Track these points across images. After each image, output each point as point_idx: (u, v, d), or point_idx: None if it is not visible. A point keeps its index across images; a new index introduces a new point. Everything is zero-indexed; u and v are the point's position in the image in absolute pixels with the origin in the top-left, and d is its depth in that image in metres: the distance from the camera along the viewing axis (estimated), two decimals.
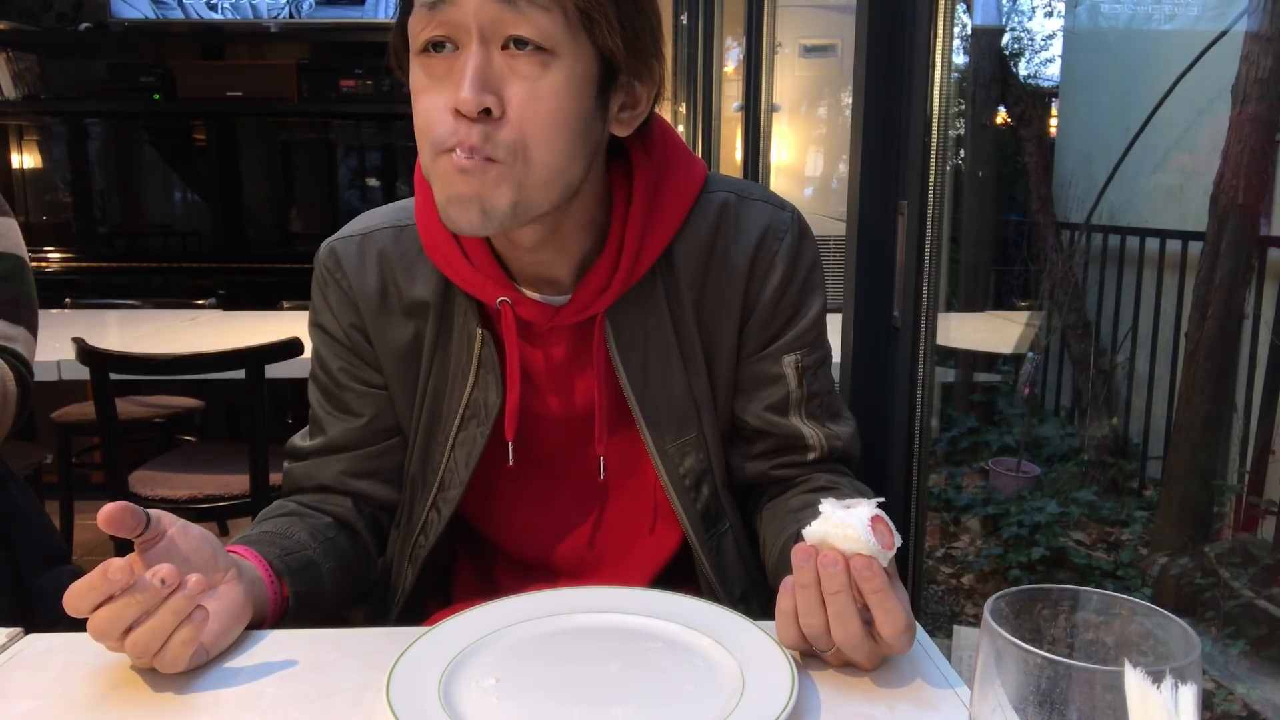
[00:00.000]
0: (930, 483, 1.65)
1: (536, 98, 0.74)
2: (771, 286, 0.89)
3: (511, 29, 0.73)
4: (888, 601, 0.64)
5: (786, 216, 0.91)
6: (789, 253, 0.90)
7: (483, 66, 0.73)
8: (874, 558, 0.63)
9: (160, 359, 1.90)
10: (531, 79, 0.74)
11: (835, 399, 0.95)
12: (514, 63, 0.74)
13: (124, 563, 0.64)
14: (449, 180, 0.75)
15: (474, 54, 0.73)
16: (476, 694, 0.65)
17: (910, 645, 0.67)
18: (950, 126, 1.16)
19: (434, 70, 0.75)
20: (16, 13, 4.00)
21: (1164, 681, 0.42)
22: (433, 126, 0.75)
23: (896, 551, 0.65)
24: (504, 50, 0.74)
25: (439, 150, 0.75)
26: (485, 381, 0.88)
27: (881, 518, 0.65)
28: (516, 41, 0.73)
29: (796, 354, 0.91)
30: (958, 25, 1.29)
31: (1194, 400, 2.63)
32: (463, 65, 0.73)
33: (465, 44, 0.74)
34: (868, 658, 0.67)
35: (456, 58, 0.74)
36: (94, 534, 2.95)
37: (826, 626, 0.65)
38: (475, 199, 0.75)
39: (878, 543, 0.64)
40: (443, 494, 0.91)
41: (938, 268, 1.17)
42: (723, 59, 3.06)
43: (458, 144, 0.74)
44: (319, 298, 0.93)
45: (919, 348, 1.21)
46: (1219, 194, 2.64)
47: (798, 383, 0.91)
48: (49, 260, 3.90)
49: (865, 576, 0.63)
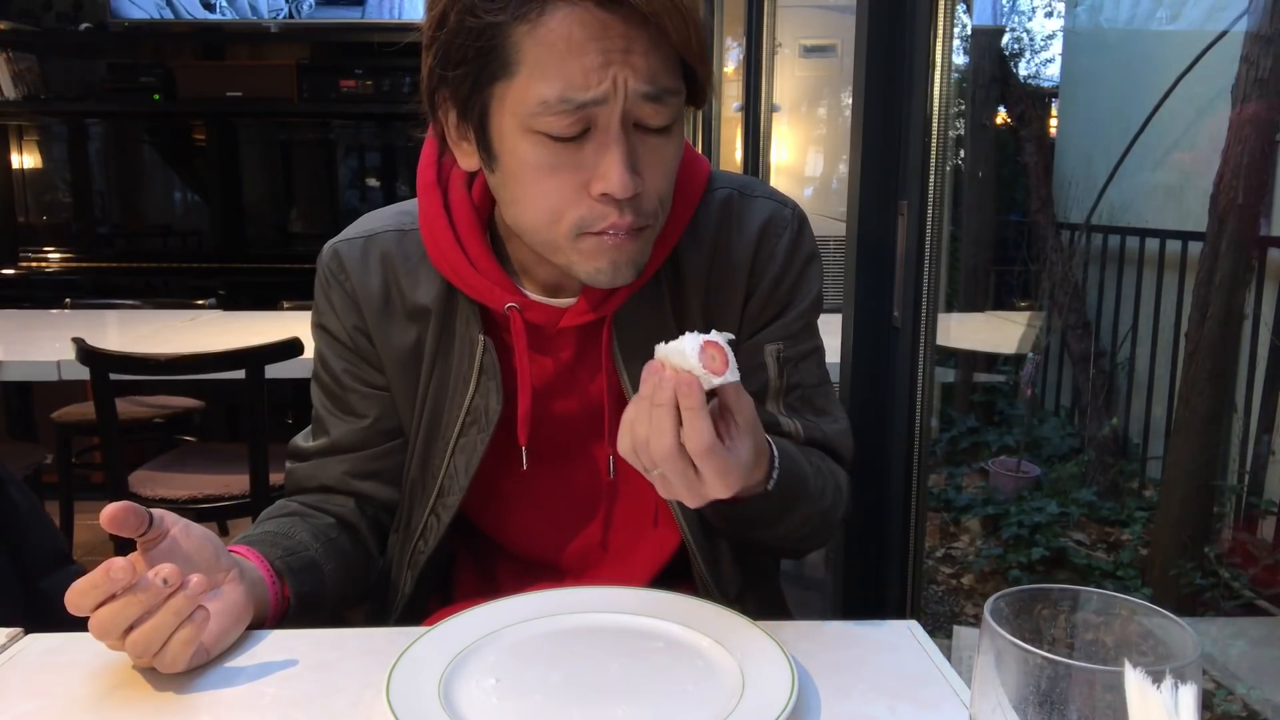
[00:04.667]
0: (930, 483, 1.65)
1: (665, 166, 0.78)
2: (768, 278, 0.90)
3: (651, 120, 0.75)
4: (697, 421, 0.66)
5: (788, 212, 0.92)
6: (788, 247, 0.90)
7: (630, 147, 0.74)
8: (697, 379, 0.67)
9: (160, 359, 1.90)
10: (661, 149, 0.77)
11: (822, 395, 0.94)
12: (646, 139, 0.76)
13: (126, 562, 0.64)
14: (599, 254, 0.78)
15: (620, 141, 0.73)
16: (476, 694, 0.66)
17: (725, 488, 0.68)
18: (950, 126, 1.16)
19: (563, 155, 0.75)
20: (16, 13, 4.00)
21: (1164, 681, 0.42)
22: (571, 208, 0.76)
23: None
24: (635, 129, 0.75)
25: (583, 231, 0.76)
26: (486, 388, 0.88)
27: (717, 344, 0.68)
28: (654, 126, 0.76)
29: (778, 344, 0.91)
30: (958, 25, 1.29)
31: (1194, 400, 2.63)
32: (606, 153, 0.74)
33: (601, 128, 0.74)
34: (687, 489, 0.69)
35: (587, 140, 0.74)
36: (94, 534, 2.95)
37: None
38: (630, 263, 0.79)
39: (704, 366, 0.67)
40: (442, 500, 0.91)
41: (938, 268, 1.17)
42: (723, 59, 3.06)
43: (609, 227, 0.76)
44: (322, 299, 0.93)
45: (919, 348, 1.21)
46: (1219, 194, 2.64)
47: (777, 373, 0.90)
48: (49, 260, 3.89)
49: (683, 393, 0.66)
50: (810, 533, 0.89)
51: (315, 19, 3.85)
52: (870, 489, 1.28)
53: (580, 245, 0.77)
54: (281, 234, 4.08)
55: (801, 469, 0.84)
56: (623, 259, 0.78)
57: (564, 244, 0.78)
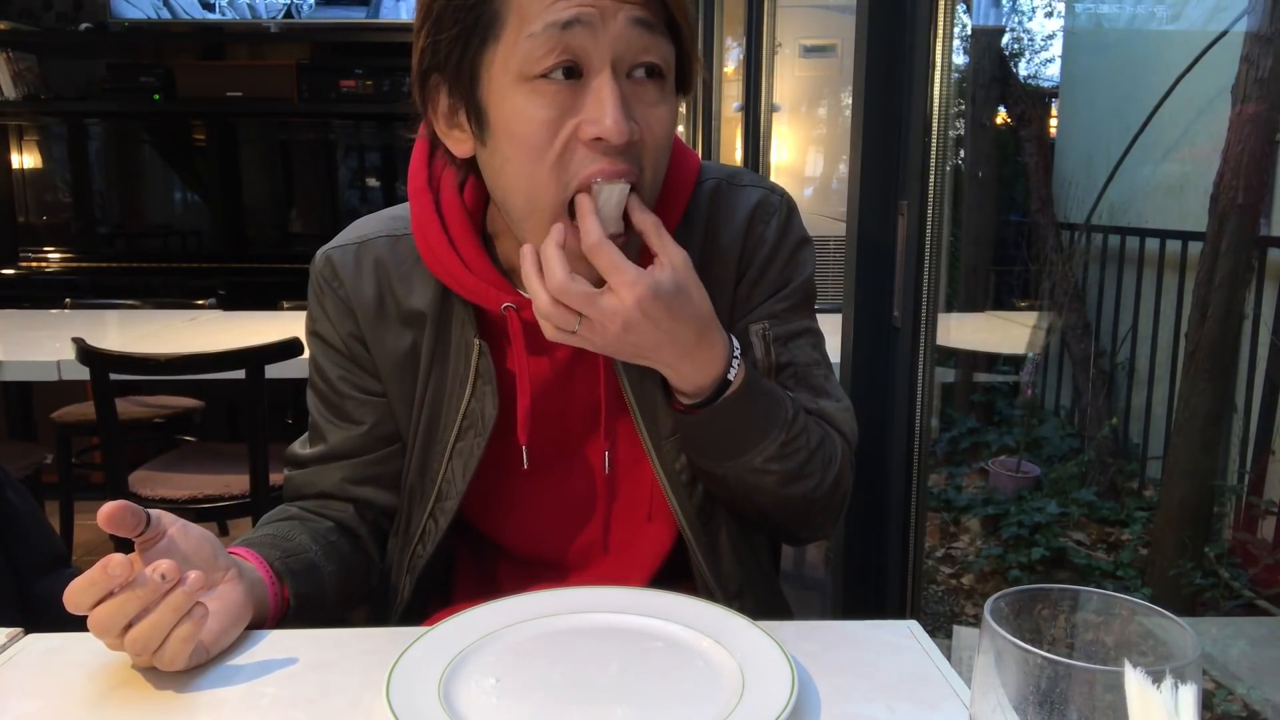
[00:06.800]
0: (930, 483, 1.65)
1: (661, 123, 0.77)
2: (757, 263, 0.90)
3: (644, 56, 0.74)
4: (584, 221, 0.74)
5: (775, 198, 0.92)
6: (777, 230, 0.91)
7: (623, 93, 0.73)
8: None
9: (160, 359, 1.90)
10: (654, 104, 0.76)
11: (818, 375, 0.93)
12: (639, 90, 0.75)
13: (124, 558, 0.64)
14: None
15: (612, 81, 0.73)
16: (476, 694, 0.65)
17: (635, 301, 0.73)
18: (950, 126, 1.17)
19: (558, 98, 0.74)
20: (16, 13, 4.00)
21: (1164, 681, 0.42)
22: (562, 158, 0.75)
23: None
24: (629, 78, 0.75)
25: (572, 191, 0.75)
26: (482, 392, 0.88)
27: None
28: (644, 68, 0.75)
29: (764, 324, 0.90)
30: (958, 25, 1.29)
31: (1194, 400, 2.63)
32: (599, 93, 0.73)
33: (594, 70, 0.73)
34: (594, 309, 0.73)
35: (582, 86, 0.74)
36: (94, 534, 2.95)
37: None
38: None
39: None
40: (440, 504, 0.91)
41: (938, 268, 1.17)
42: (723, 59, 3.07)
43: (598, 173, 0.74)
44: (316, 307, 0.93)
45: (919, 348, 1.21)
46: (1219, 194, 2.64)
47: (764, 351, 0.90)
48: (49, 260, 3.89)
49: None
50: (806, 491, 0.86)
51: (315, 19, 3.86)
52: (870, 489, 1.28)
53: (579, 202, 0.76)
54: (281, 234, 4.08)
55: (773, 389, 0.85)
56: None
57: (553, 207, 0.76)
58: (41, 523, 1.15)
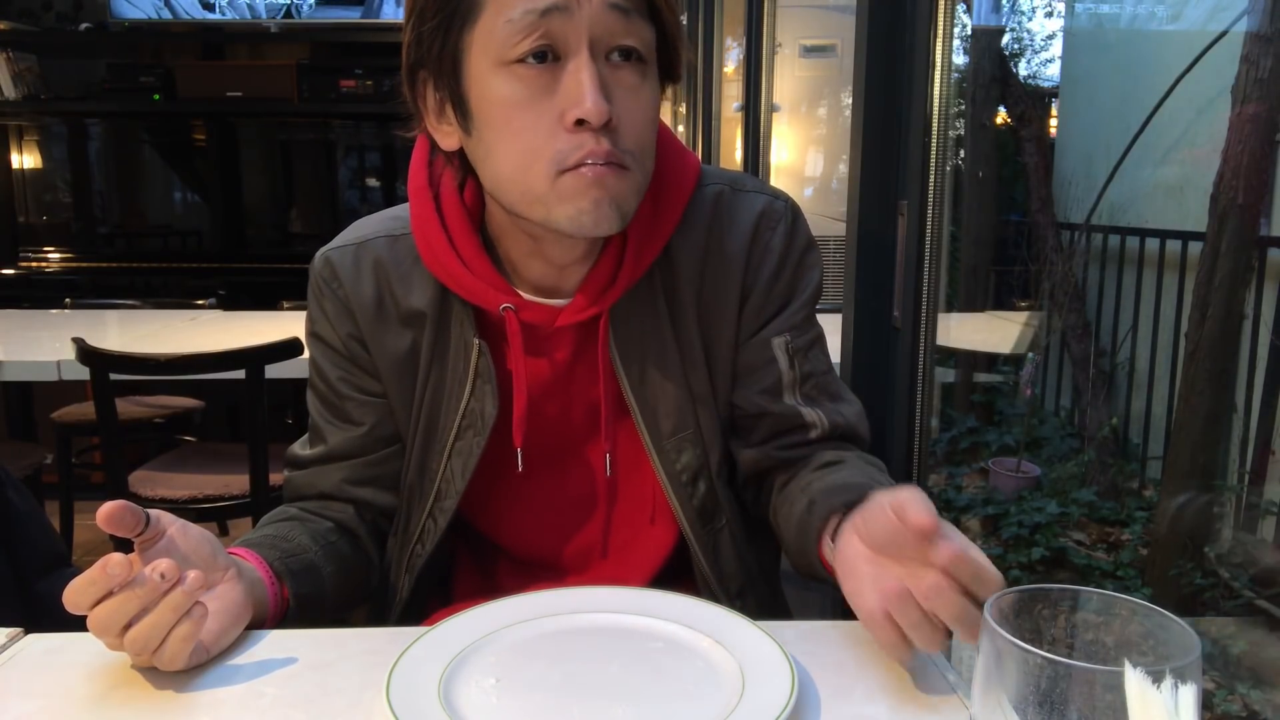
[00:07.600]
0: (930, 483, 1.64)
1: (641, 107, 0.76)
2: (767, 272, 0.90)
3: (621, 39, 0.74)
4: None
5: (780, 205, 0.91)
6: (784, 238, 0.90)
7: (602, 76, 0.73)
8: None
9: (160, 359, 1.90)
10: (634, 89, 0.76)
11: (833, 380, 0.94)
12: (618, 73, 0.75)
13: (123, 558, 0.64)
14: (578, 193, 0.75)
15: (589, 64, 0.73)
16: (476, 694, 0.65)
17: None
18: (950, 126, 1.16)
19: (537, 83, 0.74)
20: (16, 13, 4.00)
21: (1164, 681, 0.42)
22: (547, 143, 0.74)
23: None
24: (607, 61, 0.74)
25: (561, 169, 0.75)
26: (482, 392, 0.88)
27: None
28: (622, 52, 0.75)
29: (786, 336, 0.90)
30: (958, 25, 1.29)
31: (1194, 400, 2.63)
32: (576, 76, 0.73)
33: (571, 54, 0.73)
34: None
35: (559, 69, 0.74)
36: (94, 534, 2.95)
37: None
38: (613, 202, 0.76)
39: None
40: (439, 503, 0.91)
41: (938, 268, 1.17)
42: (723, 59, 3.06)
43: (586, 155, 0.74)
44: (315, 308, 0.93)
45: (919, 348, 1.21)
46: (1219, 194, 2.64)
47: (789, 364, 0.90)
48: (49, 260, 3.90)
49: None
50: None
51: (315, 19, 3.86)
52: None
53: (559, 187, 0.75)
54: (281, 234, 4.08)
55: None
56: (604, 197, 0.75)
57: (543, 188, 0.76)
58: (42, 522, 1.15)
